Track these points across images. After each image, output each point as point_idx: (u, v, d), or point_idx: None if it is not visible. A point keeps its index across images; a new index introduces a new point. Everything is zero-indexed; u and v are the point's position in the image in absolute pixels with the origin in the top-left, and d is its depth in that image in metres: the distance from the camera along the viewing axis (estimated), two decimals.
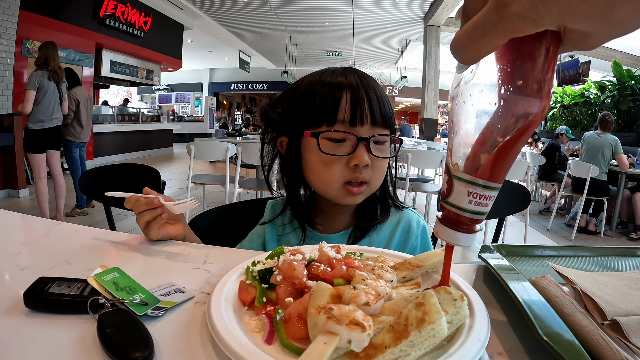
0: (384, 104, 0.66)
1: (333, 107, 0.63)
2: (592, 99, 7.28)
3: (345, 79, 0.65)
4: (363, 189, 0.66)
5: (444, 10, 7.24)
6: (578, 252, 0.60)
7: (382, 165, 0.67)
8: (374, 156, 0.64)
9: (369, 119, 0.64)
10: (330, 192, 0.66)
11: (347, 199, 0.66)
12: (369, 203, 0.74)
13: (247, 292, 0.43)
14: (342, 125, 0.63)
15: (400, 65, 12.88)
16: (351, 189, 0.65)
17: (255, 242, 0.78)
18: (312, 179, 0.68)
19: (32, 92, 3.15)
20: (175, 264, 0.56)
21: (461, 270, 0.55)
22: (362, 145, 0.63)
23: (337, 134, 0.63)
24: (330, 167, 0.64)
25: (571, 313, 0.38)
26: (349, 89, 0.64)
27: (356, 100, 0.63)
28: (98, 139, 7.25)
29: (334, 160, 0.64)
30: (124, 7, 7.42)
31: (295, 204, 0.75)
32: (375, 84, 0.67)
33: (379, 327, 0.34)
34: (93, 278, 0.42)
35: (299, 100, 0.67)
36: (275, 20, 9.22)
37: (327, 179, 0.65)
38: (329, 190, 0.66)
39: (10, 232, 0.67)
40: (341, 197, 0.66)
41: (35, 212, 3.45)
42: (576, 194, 4.07)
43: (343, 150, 0.63)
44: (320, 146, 0.63)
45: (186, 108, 16.86)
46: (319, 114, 0.64)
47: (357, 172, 0.64)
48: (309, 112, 0.65)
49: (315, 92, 0.65)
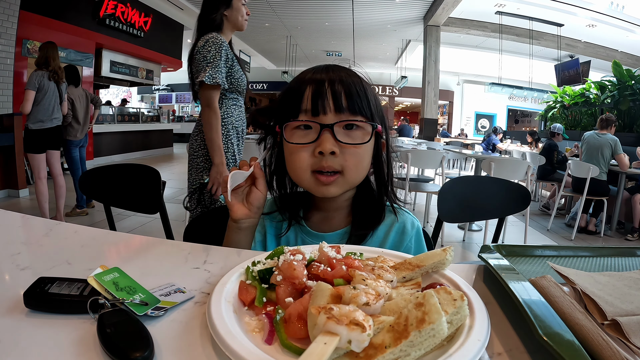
0: (351, 91, 0.64)
1: (296, 100, 0.65)
2: (592, 99, 7.27)
3: (313, 74, 0.66)
4: (334, 179, 0.65)
5: (444, 10, 7.24)
6: (578, 252, 0.60)
7: (357, 154, 0.65)
8: (341, 143, 0.63)
9: (332, 106, 0.63)
10: (303, 182, 0.67)
11: (319, 189, 0.66)
12: (365, 201, 0.74)
13: (247, 292, 0.43)
14: (305, 115, 0.64)
15: (400, 65, 12.87)
16: (320, 178, 0.65)
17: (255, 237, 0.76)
18: (289, 171, 0.69)
19: (32, 92, 3.15)
20: (175, 264, 0.56)
21: (461, 270, 0.55)
22: (325, 132, 0.62)
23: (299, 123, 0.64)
24: (298, 156, 0.64)
25: (571, 313, 0.39)
26: (313, 82, 0.65)
27: (318, 90, 0.64)
28: (98, 139, 7.25)
29: (300, 149, 0.64)
30: (124, 7, 7.41)
31: (282, 198, 0.75)
32: (348, 75, 0.66)
33: (379, 327, 0.34)
34: (93, 278, 0.42)
35: (277, 102, 0.70)
36: (275, 20, 9.22)
37: (297, 169, 0.65)
38: (301, 180, 0.67)
39: (10, 232, 0.67)
40: (313, 187, 0.66)
41: (35, 212, 3.45)
42: (576, 194, 4.06)
43: (308, 139, 0.64)
44: (286, 136, 0.65)
45: (186, 108, 16.86)
46: (285, 109, 0.66)
47: (323, 160, 0.63)
48: (279, 110, 0.68)
49: (285, 92, 0.68)
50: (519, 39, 8.87)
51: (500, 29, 8.43)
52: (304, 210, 0.76)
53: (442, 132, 11.80)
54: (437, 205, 1.24)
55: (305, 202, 0.76)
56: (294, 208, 0.74)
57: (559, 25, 8.43)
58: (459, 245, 3.38)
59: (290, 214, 0.74)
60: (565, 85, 8.42)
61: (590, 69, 8.38)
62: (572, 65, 8.52)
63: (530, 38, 8.70)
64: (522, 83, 10.88)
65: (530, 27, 8.52)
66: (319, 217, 0.75)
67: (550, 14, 7.99)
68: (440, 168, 3.70)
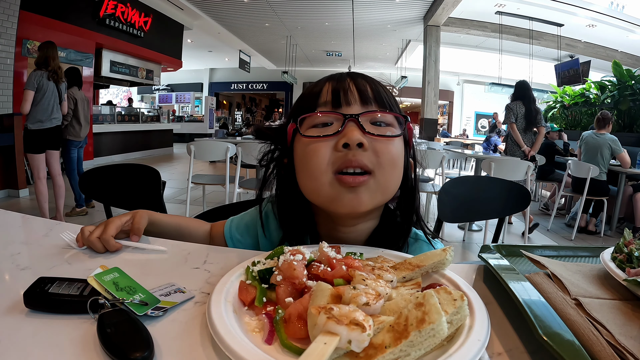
0: (377, 87, 0.57)
1: (314, 97, 0.57)
2: (592, 99, 7.27)
3: (331, 77, 0.59)
4: (364, 180, 0.52)
5: (444, 10, 7.23)
6: (578, 252, 0.60)
7: (389, 150, 0.53)
8: (370, 135, 0.52)
9: (357, 97, 0.55)
10: (322, 188, 0.53)
11: (345, 197, 0.52)
12: (386, 229, 0.61)
13: (247, 292, 0.43)
14: (325, 107, 0.55)
15: (400, 65, 12.87)
16: (344, 179, 0.51)
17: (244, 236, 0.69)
18: (300, 179, 0.56)
19: (31, 92, 3.15)
20: (175, 264, 0.56)
21: (461, 270, 0.55)
22: (351, 122, 0.52)
23: (320, 116, 0.54)
24: (316, 153, 0.52)
25: (563, 309, 0.39)
26: (331, 81, 0.58)
27: (339, 84, 0.56)
28: (98, 139, 7.25)
29: (319, 144, 0.52)
30: (124, 7, 7.41)
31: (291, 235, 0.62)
32: (369, 76, 0.60)
33: (379, 327, 0.34)
34: (93, 278, 0.42)
35: (288, 115, 0.61)
36: (275, 20, 9.22)
37: (314, 169, 0.52)
38: (319, 184, 0.53)
39: (10, 232, 0.67)
40: (337, 196, 0.52)
41: (35, 212, 3.45)
42: (576, 194, 4.06)
43: (329, 131, 0.53)
44: (300, 131, 0.55)
45: (186, 108, 16.85)
46: (302, 107, 0.58)
47: (349, 154, 0.51)
48: (296, 112, 0.58)
49: (299, 98, 0.61)
50: (519, 39, 8.87)
51: (500, 29, 8.43)
52: (312, 241, 0.62)
53: (442, 132, 11.79)
54: (437, 205, 1.24)
55: (312, 234, 0.62)
56: (300, 238, 0.62)
57: (559, 25, 8.42)
58: (459, 245, 3.38)
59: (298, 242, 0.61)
60: (565, 85, 8.42)
61: (590, 69, 8.37)
62: (572, 65, 8.52)
63: (530, 38, 8.70)
64: None
65: (530, 27, 8.52)
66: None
67: (550, 14, 7.99)
68: (440, 168, 3.70)
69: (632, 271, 0.43)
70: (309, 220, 0.62)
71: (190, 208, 3.54)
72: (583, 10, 7.73)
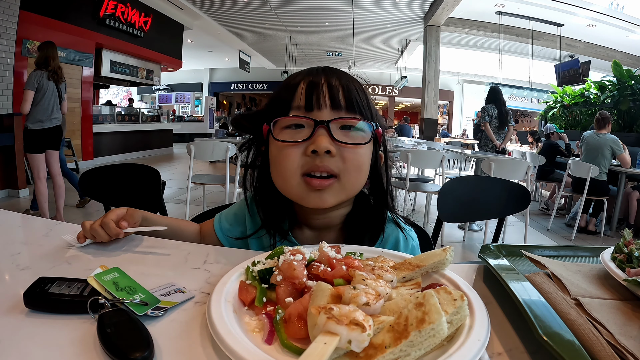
0: (349, 88, 0.59)
1: (288, 97, 0.59)
2: (592, 99, 7.27)
3: (307, 74, 0.61)
4: (329, 184, 0.56)
5: (444, 10, 7.23)
6: (578, 252, 0.60)
7: (356, 156, 0.57)
8: (338, 142, 0.56)
9: (327, 102, 0.57)
10: (292, 189, 0.58)
11: (311, 197, 0.57)
12: (360, 217, 0.65)
13: (247, 292, 0.43)
14: (297, 111, 0.58)
15: (400, 65, 12.87)
16: (312, 182, 0.56)
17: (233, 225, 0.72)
18: (273, 177, 0.61)
19: (31, 92, 3.14)
20: (175, 264, 0.56)
21: (461, 270, 0.55)
22: (320, 129, 0.55)
23: (292, 119, 0.57)
24: (287, 155, 0.56)
25: (563, 309, 0.39)
26: (307, 80, 0.59)
27: (312, 85, 0.58)
28: (98, 139, 7.24)
29: (290, 148, 0.56)
30: (124, 7, 7.40)
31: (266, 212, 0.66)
32: (345, 75, 0.61)
33: (379, 327, 0.34)
34: (93, 278, 0.42)
35: (266, 105, 0.64)
36: (275, 20, 9.22)
37: (285, 171, 0.57)
38: (289, 186, 0.58)
39: (10, 232, 0.67)
40: (303, 194, 0.57)
41: (35, 212, 3.45)
42: (576, 194, 4.06)
43: (300, 137, 0.56)
44: (273, 134, 0.57)
45: (186, 108, 16.86)
46: (275, 106, 0.60)
47: (316, 160, 0.55)
48: (269, 112, 0.61)
49: (275, 92, 0.63)
50: (519, 39, 8.87)
51: (500, 29, 8.43)
52: (290, 228, 0.66)
53: (442, 132, 11.79)
54: (437, 205, 1.24)
55: (291, 218, 0.67)
56: (279, 222, 0.66)
57: (559, 25, 8.42)
58: (459, 245, 3.38)
59: (275, 229, 0.65)
60: (565, 85, 8.43)
61: (590, 69, 8.37)
62: (572, 65, 8.52)
63: (530, 38, 8.70)
64: (522, 83, 10.89)
65: (530, 27, 8.52)
66: (307, 236, 0.67)
67: (550, 14, 7.99)
68: (440, 168, 3.70)
69: (632, 271, 0.43)
70: (287, 206, 0.65)
71: (190, 208, 3.54)
72: (583, 10, 7.73)
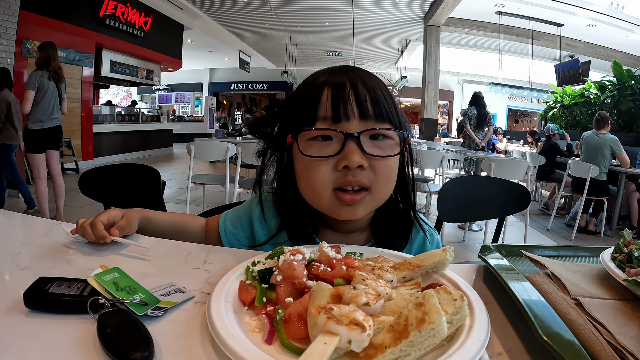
0: (377, 95, 0.56)
1: (312, 105, 0.55)
2: (592, 99, 7.28)
3: (330, 75, 0.58)
4: (361, 197, 0.55)
5: (444, 10, 7.23)
6: (578, 252, 0.60)
7: (387, 167, 0.56)
8: (369, 155, 0.54)
9: (355, 112, 0.54)
10: (322, 203, 0.56)
11: (342, 211, 0.56)
12: (387, 217, 0.64)
13: (247, 292, 0.43)
14: (324, 122, 0.55)
15: (400, 65, 12.86)
16: (341, 196, 0.55)
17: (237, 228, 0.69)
18: (301, 189, 0.59)
19: (32, 92, 3.14)
20: (175, 264, 0.56)
21: (461, 270, 0.55)
22: (350, 142, 0.53)
23: (318, 132, 0.54)
24: (317, 171, 0.54)
25: (563, 309, 0.39)
26: (331, 85, 0.56)
27: (338, 93, 0.55)
28: (98, 138, 7.24)
29: (319, 163, 0.54)
30: (124, 7, 7.40)
31: (292, 225, 0.63)
32: (370, 77, 0.59)
33: (379, 327, 0.34)
34: (93, 278, 0.42)
35: (284, 108, 0.60)
36: (275, 20, 9.21)
37: (315, 187, 0.55)
38: (320, 200, 0.56)
39: (10, 232, 0.67)
40: (335, 209, 0.56)
41: (35, 212, 3.45)
42: (576, 194, 4.06)
43: (329, 151, 0.54)
44: (300, 148, 0.55)
45: (186, 108, 16.85)
46: (298, 115, 0.57)
47: (349, 175, 0.54)
48: (290, 117, 0.58)
49: (297, 96, 0.59)
50: (519, 39, 8.87)
51: (500, 29, 8.43)
52: (314, 231, 0.64)
53: (442, 132, 11.79)
54: (437, 205, 1.24)
55: (316, 221, 0.64)
56: (302, 227, 0.63)
57: (559, 25, 8.42)
58: (459, 245, 3.38)
59: (299, 234, 0.63)
60: (565, 85, 8.43)
61: (590, 69, 8.38)
62: (572, 65, 8.52)
63: (530, 38, 8.70)
64: (522, 83, 10.88)
65: (530, 27, 8.52)
66: (333, 239, 0.65)
67: (550, 14, 7.99)
68: (440, 168, 3.70)
69: (632, 271, 0.43)
70: (311, 211, 0.63)
71: (190, 208, 3.54)
72: (583, 10, 7.73)
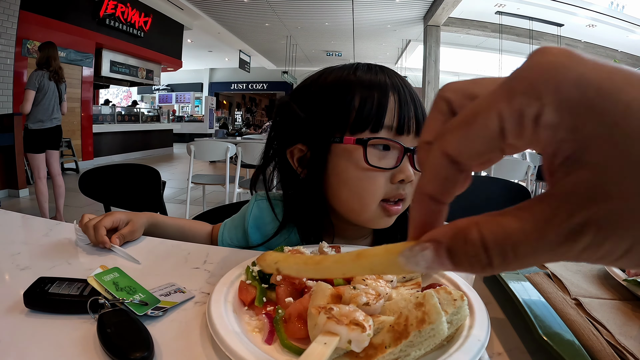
0: (424, 112, 0.56)
1: (380, 110, 0.53)
2: None
3: (387, 78, 0.55)
4: (400, 207, 0.56)
5: (444, 10, 7.23)
6: None
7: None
8: (417, 170, 0.54)
9: (414, 127, 0.54)
10: (365, 213, 0.56)
11: (381, 220, 0.57)
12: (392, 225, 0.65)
13: (247, 292, 0.43)
14: (388, 132, 0.53)
15: (400, 65, 12.87)
16: (389, 208, 0.55)
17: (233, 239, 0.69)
18: (344, 197, 0.56)
19: (32, 92, 3.15)
20: (175, 264, 0.56)
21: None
22: (408, 157, 0.54)
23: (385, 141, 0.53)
24: (374, 181, 0.54)
25: (563, 309, 0.39)
26: (396, 91, 0.54)
27: (404, 104, 0.54)
28: (98, 139, 7.24)
29: (378, 173, 0.53)
30: (124, 7, 7.40)
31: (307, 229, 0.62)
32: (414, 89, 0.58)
33: (379, 327, 0.34)
34: (93, 278, 0.42)
35: (329, 100, 0.55)
36: (275, 20, 9.22)
37: (367, 197, 0.54)
38: (364, 210, 0.55)
39: (10, 232, 0.67)
40: (375, 218, 0.56)
41: (35, 212, 3.44)
42: None
43: (388, 163, 0.53)
44: (367, 156, 0.52)
45: (186, 108, 16.85)
46: (362, 117, 0.53)
47: (400, 188, 0.55)
48: (346, 114, 0.54)
49: (352, 92, 0.54)
50: (519, 39, 8.87)
51: (500, 29, 8.43)
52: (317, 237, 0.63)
53: None
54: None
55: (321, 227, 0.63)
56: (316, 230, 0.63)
57: (559, 25, 8.43)
58: None
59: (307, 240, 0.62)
60: None
61: None
62: None
63: (530, 38, 8.70)
64: None
65: (530, 27, 8.52)
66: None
67: (550, 14, 7.99)
68: None
69: (632, 271, 0.43)
70: (325, 218, 0.62)
71: (190, 208, 3.54)
72: (583, 10, 7.73)
